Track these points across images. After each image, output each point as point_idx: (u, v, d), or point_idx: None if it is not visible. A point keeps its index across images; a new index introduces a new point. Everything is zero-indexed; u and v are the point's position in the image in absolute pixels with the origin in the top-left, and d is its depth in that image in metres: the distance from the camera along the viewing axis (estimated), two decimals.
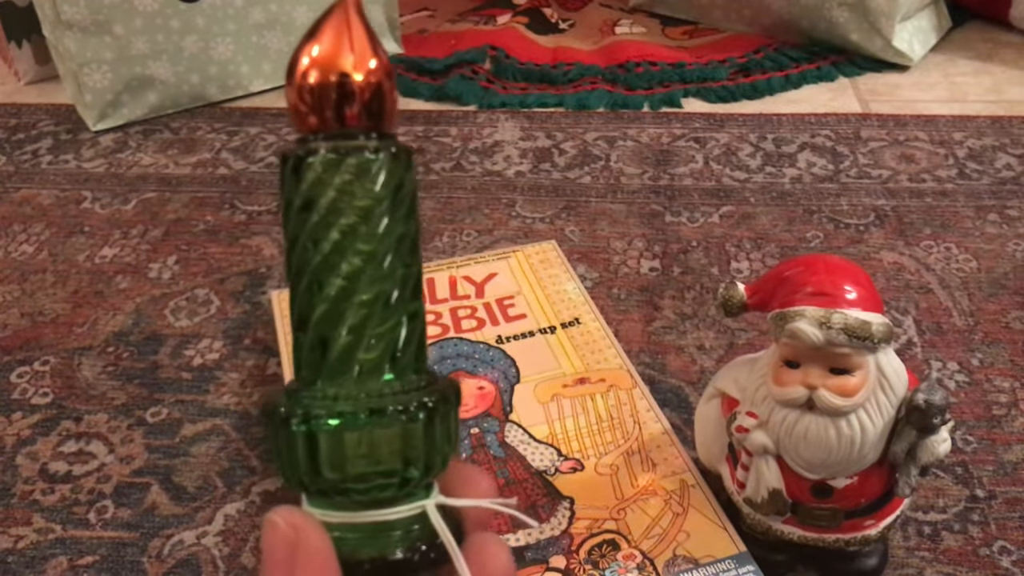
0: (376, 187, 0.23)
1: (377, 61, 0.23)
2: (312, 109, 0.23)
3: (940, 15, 1.04)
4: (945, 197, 0.77)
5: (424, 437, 0.23)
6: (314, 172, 0.23)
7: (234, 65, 0.96)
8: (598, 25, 1.14)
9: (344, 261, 0.23)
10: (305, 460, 0.23)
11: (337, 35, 0.23)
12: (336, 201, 0.23)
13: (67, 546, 0.50)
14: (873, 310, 0.41)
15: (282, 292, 0.65)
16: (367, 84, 0.23)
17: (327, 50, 0.23)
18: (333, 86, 0.23)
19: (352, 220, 0.23)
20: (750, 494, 0.44)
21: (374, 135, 0.23)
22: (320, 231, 0.23)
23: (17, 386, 0.61)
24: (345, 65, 0.23)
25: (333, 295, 0.23)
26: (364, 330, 0.23)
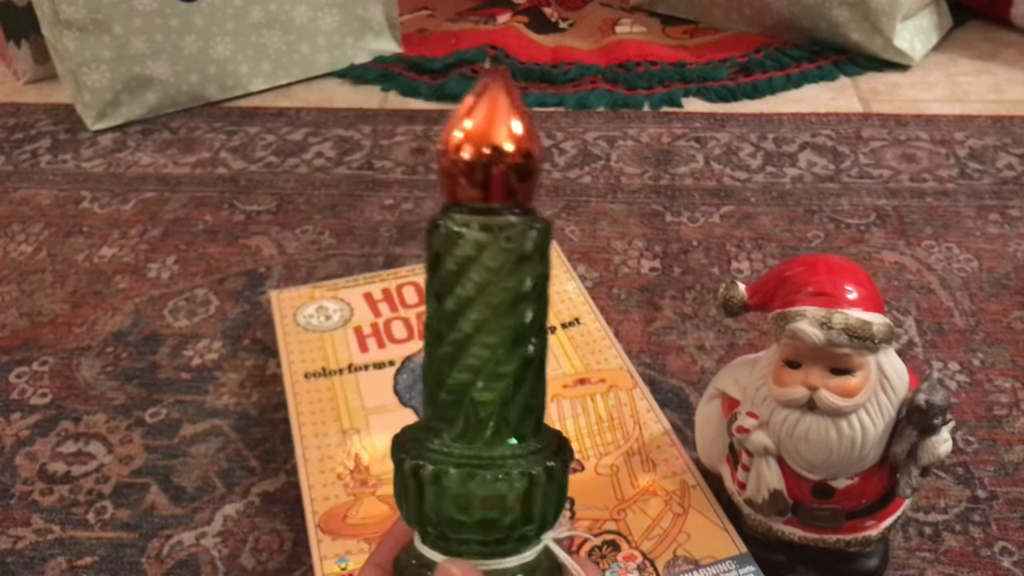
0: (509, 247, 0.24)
1: (534, 143, 0.24)
2: (463, 181, 0.24)
3: (941, 14, 1.04)
4: (946, 197, 0.77)
5: (539, 499, 0.25)
6: (455, 242, 0.24)
7: (233, 65, 0.96)
8: (598, 24, 1.14)
9: (481, 338, 0.24)
10: (431, 505, 0.25)
11: (492, 111, 0.23)
12: (481, 278, 0.24)
13: (66, 547, 0.50)
14: (874, 310, 0.41)
15: (281, 292, 0.65)
16: (518, 162, 0.24)
17: (482, 126, 0.23)
18: (484, 162, 0.23)
19: (494, 301, 0.24)
20: (751, 495, 0.44)
21: (517, 211, 0.24)
22: (462, 305, 0.24)
23: (16, 386, 0.61)
24: (499, 141, 0.23)
25: (467, 372, 0.25)
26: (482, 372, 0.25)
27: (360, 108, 0.96)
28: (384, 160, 0.87)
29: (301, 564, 0.49)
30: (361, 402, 0.55)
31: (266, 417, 0.58)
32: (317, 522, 0.48)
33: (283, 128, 0.93)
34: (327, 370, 0.57)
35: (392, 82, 1.01)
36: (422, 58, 1.05)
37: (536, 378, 0.25)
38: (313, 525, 0.48)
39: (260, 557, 0.49)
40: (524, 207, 0.24)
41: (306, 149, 0.89)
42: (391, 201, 0.80)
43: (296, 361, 0.58)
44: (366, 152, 0.88)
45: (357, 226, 0.77)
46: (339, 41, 1.02)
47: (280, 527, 0.51)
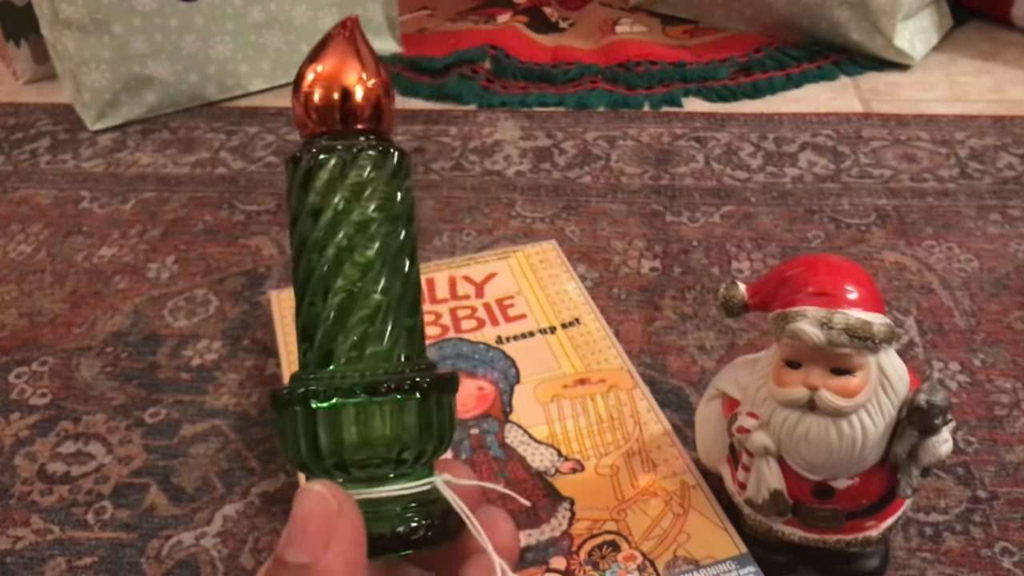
0: (368, 172, 0.25)
1: (376, 78, 0.26)
2: (317, 119, 0.26)
3: (941, 14, 1.04)
4: (947, 197, 0.77)
5: (418, 416, 0.24)
6: (319, 165, 0.25)
7: (233, 64, 0.96)
8: (598, 24, 1.14)
9: (341, 230, 0.25)
10: (306, 438, 0.24)
11: (340, 53, 0.26)
12: (337, 182, 0.25)
13: (65, 547, 0.50)
14: (875, 310, 0.41)
15: (281, 292, 0.64)
16: (367, 97, 0.26)
17: (331, 67, 0.26)
18: (336, 100, 0.26)
19: (344, 204, 0.25)
20: (751, 495, 0.44)
21: (372, 136, 0.26)
22: (322, 204, 0.25)
23: (15, 386, 0.61)
24: (348, 81, 0.26)
25: (330, 261, 0.25)
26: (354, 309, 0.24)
27: None
28: None
29: None
30: None
31: (266, 417, 0.58)
32: None
33: (283, 128, 0.93)
34: None
35: (392, 82, 1.01)
36: (422, 58, 1.05)
37: (413, 301, 0.26)
38: None
39: (260, 557, 0.49)
40: (379, 135, 0.26)
41: None
42: None
43: (296, 361, 0.58)
44: None
45: None
46: None
47: (280, 527, 0.51)
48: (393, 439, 0.24)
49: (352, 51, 0.26)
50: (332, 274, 0.24)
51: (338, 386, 0.24)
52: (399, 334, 0.25)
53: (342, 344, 0.24)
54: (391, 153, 0.26)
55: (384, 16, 1.04)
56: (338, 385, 0.24)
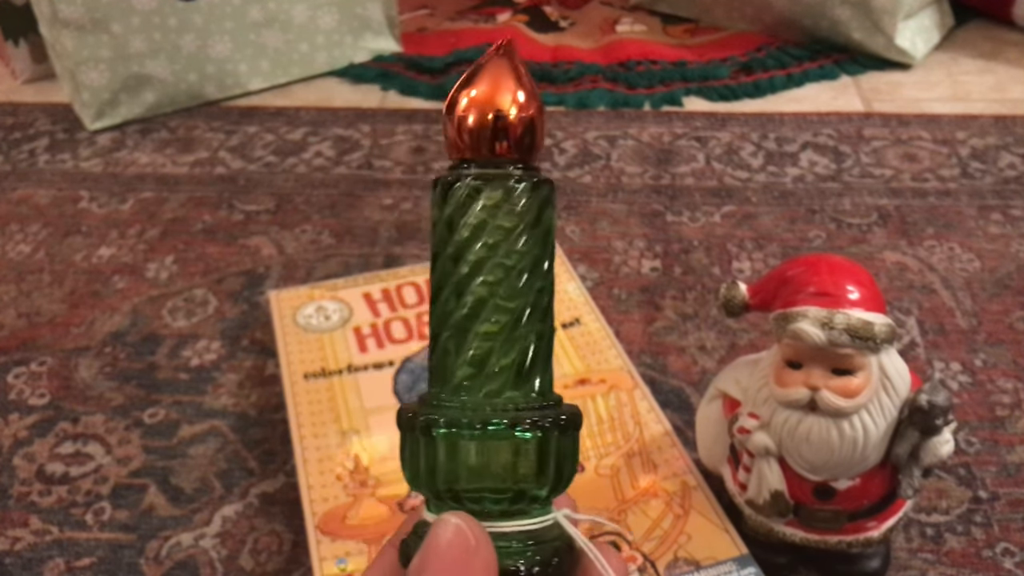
0: (517, 210, 0.24)
1: (533, 102, 0.25)
2: (468, 143, 0.25)
3: (943, 13, 1.04)
4: (948, 197, 0.77)
5: (545, 454, 0.24)
6: (461, 194, 0.25)
7: (232, 64, 0.96)
8: (598, 23, 1.14)
9: (482, 276, 0.24)
10: (428, 464, 0.24)
11: (498, 76, 0.25)
12: (481, 222, 0.24)
13: (64, 548, 0.50)
14: (876, 310, 0.41)
15: (280, 292, 0.64)
16: (520, 122, 0.25)
17: (488, 91, 0.25)
18: (492, 127, 0.25)
19: (493, 239, 0.24)
20: (752, 496, 0.44)
21: (520, 166, 0.25)
22: (463, 248, 0.24)
23: (14, 387, 0.61)
24: (505, 107, 0.25)
25: (468, 308, 0.24)
26: (494, 344, 0.24)
27: (359, 107, 0.96)
28: (383, 160, 0.86)
29: (300, 565, 0.48)
30: (360, 403, 0.55)
31: (265, 418, 0.58)
32: (316, 523, 0.48)
33: (282, 127, 0.92)
34: (326, 371, 0.57)
35: (391, 81, 1.01)
36: (422, 57, 1.04)
37: (547, 346, 0.25)
38: (312, 526, 0.48)
39: (259, 558, 0.49)
40: (527, 164, 0.25)
41: (305, 148, 0.89)
42: (390, 201, 0.80)
43: (295, 362, 0.58)
44: (365, 151, 0.88)
45: (356, 226, 0.76)
46: (338, 40, 1.02)
47: (279, 528, 0.50)
48: (519, 476, 0.24)
49: (510, 75, 0.25)
50: (473, 317, 0.24)
51: (461, 419, 0.24)
52: (534, 375, 0.25)
53: (477, 382, 0.24)
54: (542, 187, 0.25)
55: (384, 15, 1.04)
56: (461, 418, 0.24)
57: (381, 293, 0.63)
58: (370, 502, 0.49)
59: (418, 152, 0.87)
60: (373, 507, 0.49)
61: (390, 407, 0.55)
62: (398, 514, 0.48)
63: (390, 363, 0.58)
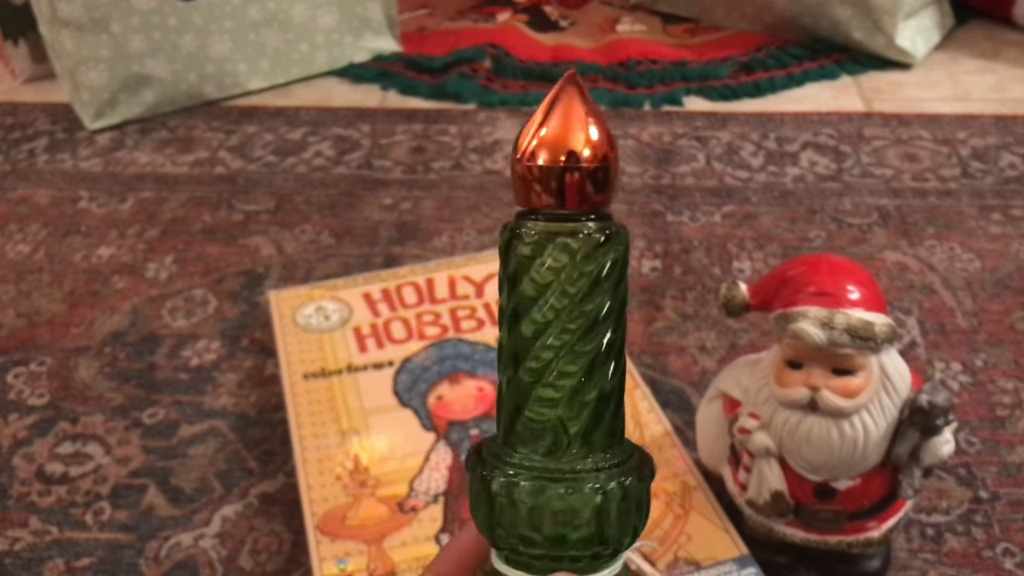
0: (585, 269, 0.23)
1: (609, 146, 0.23)
2: (539, 192, 0.23)
3: (943, 13, 1.04)
4: (948, 196, 0.77)
5: (617, 515, 0.23)
6: (523, 251, 0.23)
7: (231, 63, 0.96)
8: (599, 23, 1.14)
9: (545, 339, 0.23)
10: (505, 520, 0.23)
11: (567, 117, 0.23)
12: (546, 282, 0.23)
13: (64, 548, 0.50)
14: (876, 310, 0.41)
15: (279, 292, 0.64)
16: (595, 168, 0.23)
17: (560, 134, 0.23)
18: (564, 175, 0.23)
19: (559, 303, 0.23)
20: (752, 496, 0.44)
21: (592, 216, 0.23)
22: (527, 307, 0.23)
23: (13, 387, 0.61)
24: (576, 147, 0.23)
25: (537, 369, 0.23)
26: (557, 409, 0.23)
27: (359, 107, 0.96)
28: (383, 159, 0.86)
29: (300, 565, 0.48)
30: (360, 403, 0.55)
31: (265, 418, 0.58)
32: (316, 523, 0.48)
33: (282, 127, 0.92)
34: (326, 371, 0.57)
35: (391, 81, 1.01)
36: (421, 57, 1.04)
37: (618, 398, 0.24)
38: (312, 526, 0.47)
39: (259, 558, 0.49)
40: (601, 214, 0.23)
41: (305, 148, 0.89)
42: (390, 200, 0.80)
43: (295, 362, 0.58)
44: (365, 151, 0.88)
45: (356, 226, 0.76)
46: (338, 40, 1.02)
47: (279, 528, 0.50)
48: (592, 537, 0.23)
49: (584, 118, 0.23)
50: (539, 378, 0.23)
51: (541, 483, 0.23)
52: (601, 432, 0.24)
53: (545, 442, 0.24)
54: (612, 240, 0.23)
55: (384, 15, 1.04)
56: (541, 482, 0.23)
57: (381, 293, 0.63)
58: (370, 502, 0.49)
59: (418, 152, 0.87)
60: (373, 507, 0.48)
61: (390, 407, 0.54)
62: (398, 514, 0.48)
63: (390, 363, 0.57)
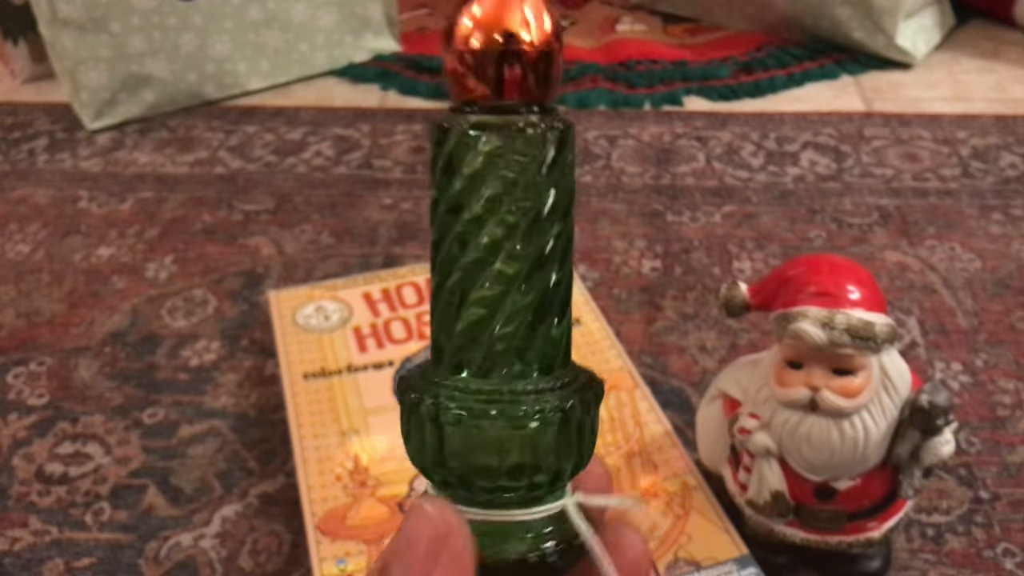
0: (528, 156, 0.21)
1: (553, 32, 0.21)
2: (472, 82, 0.21)
3: (943, 13, 1.04)
4: (949, 196, 0.77)
5: (555, 443, 0.21)
6: (454, 143, 0.21)
7: (231, 63, 0.96)
8: (599, 23, 1.14)
9: (485, 232, 0.21)
10: (432, 448, 0.22)
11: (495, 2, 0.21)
12: (477, 173, 0.21)
13: (63, 548, 0.50)
14: (876, 310, 0.41)
15: (279, 292, 0.64)
16: (537, 55, 0.21)
17: (494, 14, 0.21)
18: (497, 51, 0.20)
19: (494, 192, 0.21)
20: (752, 496, 0.44)
21: (535, 109, 0.21)
22: (460, 203, 0.21)
23: (13, 387, 0.61)
24: (513, 27, 0.20)
25: (470, 270, 0.21)
26: (500, 306, 0.21)
27: (359, 107, 0.96)
28: (383, 159, 0.86)
29: (300, 566, 0.48)
30: (360, 403, 0.55)
31: (265, 418, 0.58)
32: (316, 523, 0.48)
33: (282, 127, 0.92)
34: (326, 371, 0.57)
35: (391, 81, 1.00)
36: (421, 56, 1.04)
37: (561, 310, 0.22)
38: (312, 526, 0.47)
39: (259, 559, 0.49)
40: (544, 105, 0.21)
41: (305, 148, 0.89)
42: (390, 200, 0.80)
43: (295, 362, 0.58)
44: (365, 151, 0.88)
45: (356, 226, 0.76)
46: (338, 39, 1.01)
47: (279, 528, 0.50)
48: (528, 465, 0.21)
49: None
50: (470, 281, 0.21)
51: (470, 406, 0.21)
52: (541, 346, 0.22)
53: (477, 357, 0.22)
54: (556, 131, 0.21)
55: (384, 14, 1.04)
56: (470, 405, 0.21)
57: (381, 293, 0.63)
58: (370, 502, 0.49)
59: (418, 152, 0.87)
60: (373, 507, 0.48)
61: (390, 407, 0.54)
62: (398, 514, 0.48)
63: (390, 363, 0.57)
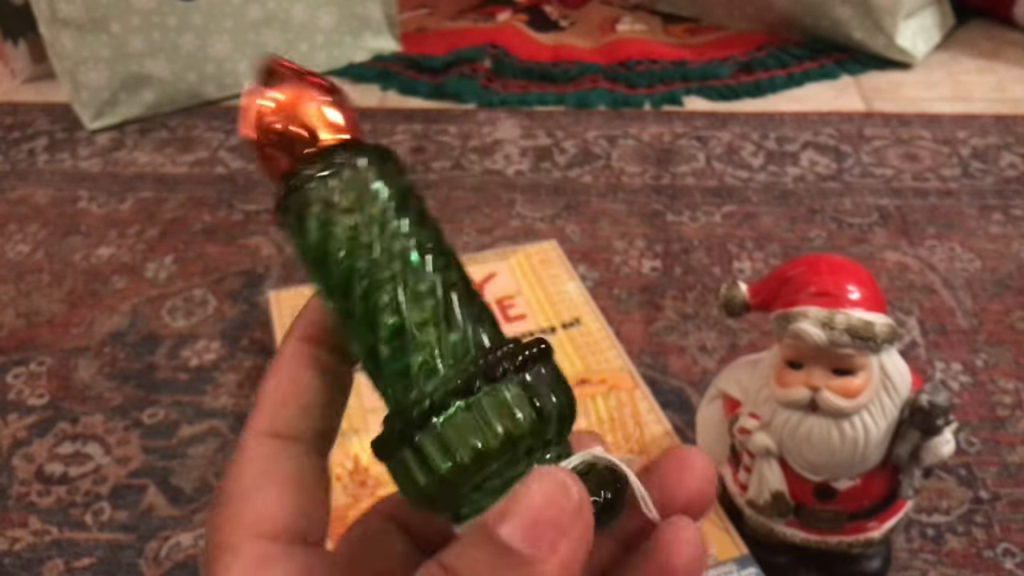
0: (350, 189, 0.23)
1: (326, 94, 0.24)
2: (284, 153, 0.23)
3: (944, 13, 1.04)
4: (949, 196, 0.77)
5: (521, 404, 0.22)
6: (301, 204, 0.22)
7: (231, 63, 0.96)
8: (599, 23, 1.14)
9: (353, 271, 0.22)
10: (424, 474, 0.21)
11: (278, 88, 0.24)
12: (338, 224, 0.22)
13: (63, 548, 0.50)
14: (876, 310, 0.41)
15: (280, 292, 0.64)
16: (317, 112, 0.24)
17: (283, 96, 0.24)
18: (291, 130, 0.23)
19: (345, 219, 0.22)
20: (752, 496, 0.44)
21: (349, 146, 0.23)
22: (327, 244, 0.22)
23: (13, 387, 0.61)
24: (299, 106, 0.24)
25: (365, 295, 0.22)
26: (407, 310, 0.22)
27: (359, 107, 0.96)
28: None
29: None
30: (360, 403, 0.55)
31: None
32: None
33: None
34: None
35: (391, 81, 1.00)
36: (421, 56, 1.04)
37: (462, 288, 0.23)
38: None
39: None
40: (354, 141, 0.24)
41: None
42: None
43: None
44: None
45: None
46: (338, 39, 1.01)
47: None
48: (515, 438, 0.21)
49: (290, 77, 0.24)
50: (369, 321, 0.22)
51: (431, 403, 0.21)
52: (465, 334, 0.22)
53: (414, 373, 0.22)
54: (368, 154, 0.23)
55: (383, 14, 1.04)
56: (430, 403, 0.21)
57: None
58: (370, 502, 0.48)
59: (418, 152, 0.87)
60: None
61: None
62: None
63: None
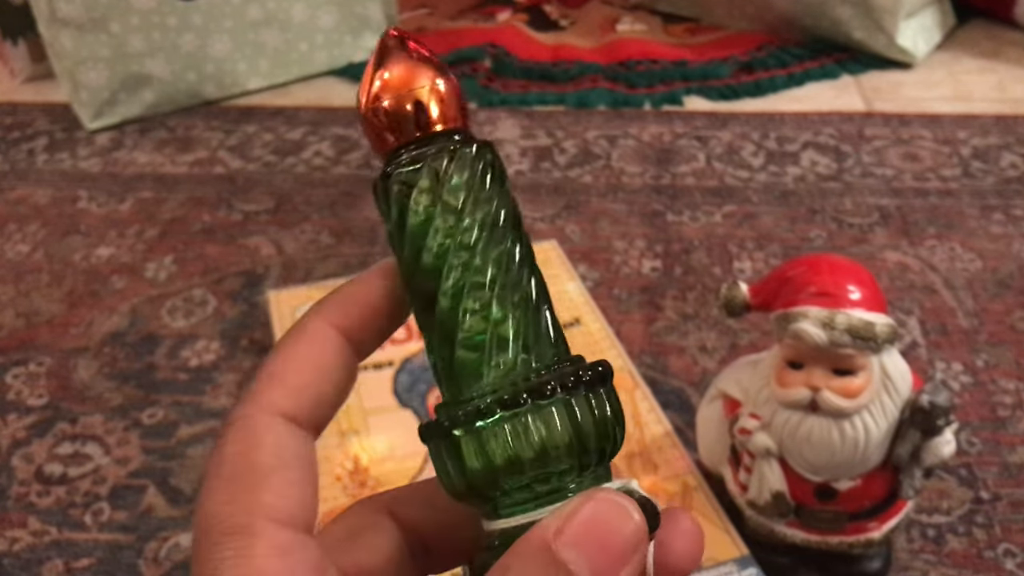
0: (460, 179, 0.23)
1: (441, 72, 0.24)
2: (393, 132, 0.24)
3: (944, 13, 1.04)
4: (949, 196, 0.77)
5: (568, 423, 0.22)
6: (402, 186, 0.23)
7: (231, 63, 0.96)
8: (599, 23, 1.14)
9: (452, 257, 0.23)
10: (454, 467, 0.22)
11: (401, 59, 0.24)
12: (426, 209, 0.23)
13: (63, 548, 0.50)
14: (877, 310, 0.41)
15: (279, 292, 0.64)
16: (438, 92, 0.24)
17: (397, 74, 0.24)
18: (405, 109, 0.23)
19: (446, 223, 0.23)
20: (753, 496, 0.44)
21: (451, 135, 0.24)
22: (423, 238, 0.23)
23: (12, 387, 0.61)
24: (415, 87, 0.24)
25: (453, 295, 0.22)
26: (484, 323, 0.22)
27: None
28: None
29: None
30: (360, 403, 0.55)
31: None
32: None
33: (281, 127, 0.92)
34: None
35: None
36: None
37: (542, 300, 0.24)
38: None
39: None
40: (458, 131, 0.24)
41: (304, 148, 0.89)
42: None
43: None
44: (365, 151, 0.88)
45: (356, 225, 0.76)
46: (337, 39, 1.01)
47: None
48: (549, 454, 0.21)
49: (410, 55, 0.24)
50: (451, 318, 0.22)
51: (477, 407, 0.21)
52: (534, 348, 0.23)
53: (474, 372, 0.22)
54: (476, 145, 0.23)
55: (383, 14, 1.03)
56: (477, 407, 0.21)
57: None
58: None
59: None
60: None
61: (390, 408, 0.54)
62: None
63: (390, 363, 0.57)
